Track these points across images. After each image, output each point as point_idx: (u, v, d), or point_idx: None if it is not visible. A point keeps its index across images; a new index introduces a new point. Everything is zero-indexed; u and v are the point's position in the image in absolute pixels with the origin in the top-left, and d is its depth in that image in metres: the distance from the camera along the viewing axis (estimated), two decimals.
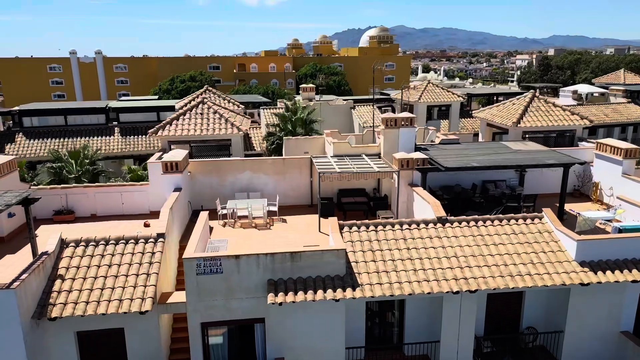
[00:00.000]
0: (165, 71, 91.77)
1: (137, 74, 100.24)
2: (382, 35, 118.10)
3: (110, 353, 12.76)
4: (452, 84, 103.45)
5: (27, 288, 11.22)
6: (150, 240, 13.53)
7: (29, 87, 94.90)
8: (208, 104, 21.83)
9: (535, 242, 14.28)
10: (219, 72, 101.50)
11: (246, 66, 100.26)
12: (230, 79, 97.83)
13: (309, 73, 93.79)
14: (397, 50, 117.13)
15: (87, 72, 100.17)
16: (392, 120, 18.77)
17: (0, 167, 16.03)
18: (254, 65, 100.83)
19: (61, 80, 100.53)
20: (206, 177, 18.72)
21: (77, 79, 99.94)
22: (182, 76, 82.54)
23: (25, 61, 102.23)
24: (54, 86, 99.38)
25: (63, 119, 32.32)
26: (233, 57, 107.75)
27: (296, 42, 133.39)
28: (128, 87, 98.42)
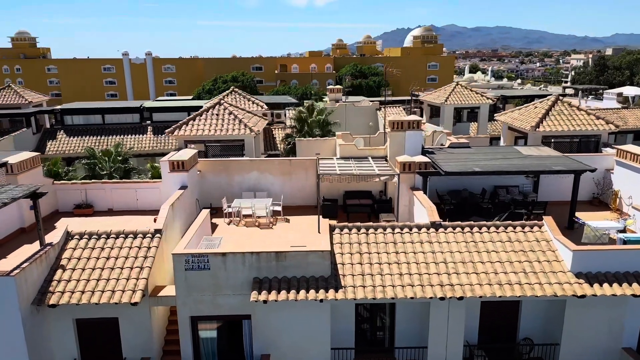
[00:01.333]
0: (211, 72, 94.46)
1: (184, 75, 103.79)
2: (427, 35, 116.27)
3: (106, 340, 13.55)
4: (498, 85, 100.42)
5: (27, 276, 12.14)
6: (148, 235, 14.25)
7: (85, 86, 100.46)
8: (224, 105, 22.54)
9: (531, 251, 13.88)
10: (262, 72, 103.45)
11: (287, 67, 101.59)
12: (272, 79, 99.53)
13: (348, 74, 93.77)
14: (442, 50, 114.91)
15: (138, 73, 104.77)
16: (398, 123, 18.68)
17: (24, 163, 17.26)
18: (295, 66, 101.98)
19: (114, 80, 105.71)
20: (216, 176, 19.38)
21: (129, 79, 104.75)
22: (225, 77, 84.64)
23: (82, 62, 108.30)
24: (108, 86, 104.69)
25: (101, 117, 34.17)
26: (275, 58, 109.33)
27: (340, 43, 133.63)
28: (175, 87, 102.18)
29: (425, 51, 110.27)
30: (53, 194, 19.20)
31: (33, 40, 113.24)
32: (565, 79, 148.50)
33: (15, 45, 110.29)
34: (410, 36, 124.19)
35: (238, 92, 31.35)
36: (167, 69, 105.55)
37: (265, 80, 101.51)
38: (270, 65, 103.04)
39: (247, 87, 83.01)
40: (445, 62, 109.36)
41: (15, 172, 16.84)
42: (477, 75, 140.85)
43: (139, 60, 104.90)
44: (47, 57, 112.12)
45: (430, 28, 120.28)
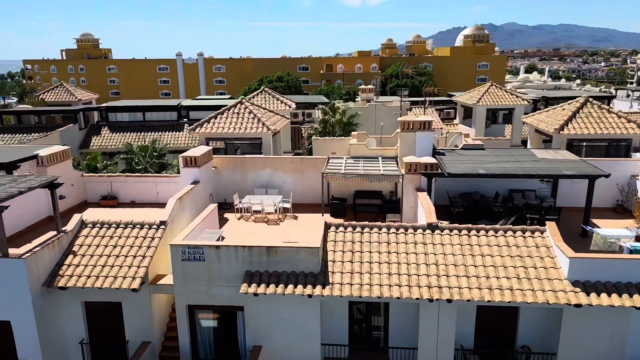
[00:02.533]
0: (259, 72, 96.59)
1: (233, 74, 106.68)
2: (478, 34, 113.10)
3: (112, 323, 14.49)
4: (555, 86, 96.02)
5: (38, 259, 13.26)
6: (153, 226, 15.09)
7: (141, 85, 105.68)
8: (245, 104, 23.25)
9: (528, 257, 13.49)
10: (308, 72, 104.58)
11: (333, 67, 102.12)
12: (318, 79, 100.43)
13: (395, 73, 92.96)
14: (493, 50, 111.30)
15: (190, 72, 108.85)
16: (408, 124, 18.60)
17: (54, 156, 18.66)
18: (341, 66, 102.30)
19: (168, 79, 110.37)
20: (230, 172, 20.09)
21: (182, 78, 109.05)
22: (270, 77, 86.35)
23: (139, 62, 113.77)
24: (162, 85, 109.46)
25: (141, 115, 36.03)
26: (321, 58, 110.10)
27: (390, 42, 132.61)
28: (224, 86, 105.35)
29: (476, 50, 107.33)
30: (82, 185, 20.63)
31: (96, 42, 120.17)
32: (631, 79, 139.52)
33: (80, 47, 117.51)
34: (462, 35, 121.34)
35: (268, 91, 32.10)
36: (218, 68, 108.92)
37: (311, 80, 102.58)
38: (316, 66, 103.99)
39: (292, 87, 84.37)
40: (496, 61, 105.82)
41: (45, 164, 18.24)
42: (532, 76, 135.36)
43: (192, 60, 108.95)
44: (108, 57, 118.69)
45: (481, 27, 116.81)
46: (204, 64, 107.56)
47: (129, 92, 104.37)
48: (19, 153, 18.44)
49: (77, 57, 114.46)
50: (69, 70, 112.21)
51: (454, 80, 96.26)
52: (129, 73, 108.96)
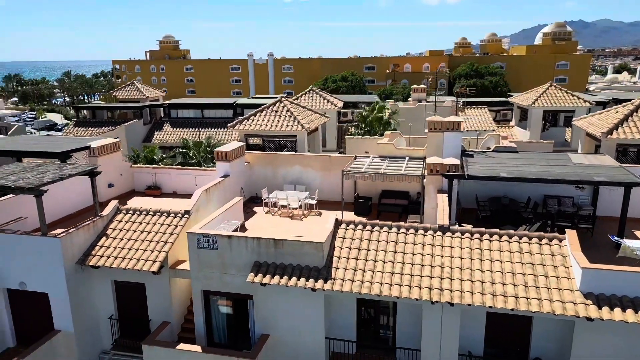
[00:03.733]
0: (326, 71, 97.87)
1: (301, 74, 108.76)
2: (559, 32, 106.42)
3: (137, 302, 15.75)
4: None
5: (73, 239, 14.75)
6: (178, 215, 16.18)
7: (214, 83, 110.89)
8: (284, 103, 23.97)
9: (541, 265, 12.90)
10: (374, 72, 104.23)
11: (400, 66, 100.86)
12: (384, 79, 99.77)
13: (463, 73, 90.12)
14: (575, 48, 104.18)
15: (260, 72, 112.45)
16: (436, 124, 18.31)
17: (104, 147, 20.44)
18: (408, 66, 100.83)
19: (239, 79, 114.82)
20: (262, 167, 20.88)
21: (252, 78, 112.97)
22: (335, 76, 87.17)
23: (214, 62, 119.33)
24: (234, 84, 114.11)
25: (200, 112, 38.11)
26: (388, 57, 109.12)
27: (463, 41, 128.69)
28: (292, 86, 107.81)
29: (556, 49, 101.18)
30: (131, 175, 22.38)
31: (176, 43, 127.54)
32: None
33: (162, 48, 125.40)
34: (541, 33, 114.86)
35: (315, 90, 32.71)
36: (287, 68, 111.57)
37: (377, 80, 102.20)
38: (383, 65, 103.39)
39: (356, 87, 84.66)
40: (578, 61, 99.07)
41: (96, 155, 20.06)
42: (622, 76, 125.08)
43: (262, 60, 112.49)
44: (186, 58, 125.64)
45: (563, 24, 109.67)
46: (273, 64, 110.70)
47: (203, 91, 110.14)
48: (73, 144, 20.43)
49: (159, 57, 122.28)
50: (151, 70, 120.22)
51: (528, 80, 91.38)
52: (204, 72, 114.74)
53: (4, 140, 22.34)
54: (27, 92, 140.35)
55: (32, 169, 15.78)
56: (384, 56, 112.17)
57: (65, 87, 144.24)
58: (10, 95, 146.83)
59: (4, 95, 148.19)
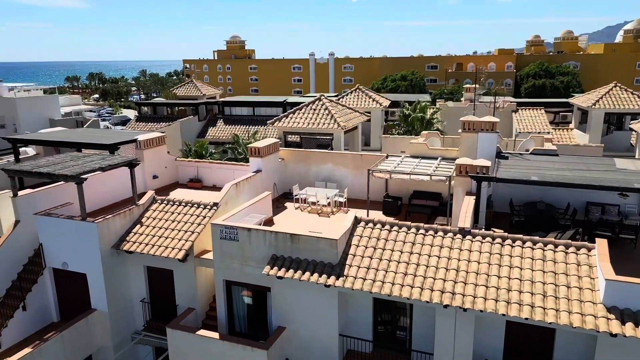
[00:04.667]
0: (386, 70, 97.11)
1: (361, 73, 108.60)
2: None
3: (166, 287, 16.65)
4: None
5: (109, 225, 15.85)
6: (207, 207, 16.88)
7: (276, 82, 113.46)
8: (323, 101, 24.18)
9: (564, 274, 12.20)
10: (436, 71, 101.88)
11: (463, 65, 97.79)
12: (446, 78, 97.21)
13: (532, 73, 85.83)
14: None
15: (321, 71, 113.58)
16: (470, 124, 17.75)
17: (150, 141, 21.68)
18: (472, 65, 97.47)
19: (300, 78, 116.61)
20: (296, 164, 21.23)
21: (313, 77, 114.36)
22: (394, 76, 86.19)
23: (276, 62, 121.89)
24: (295, 83, 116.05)
25: (252, 110, 39.24)
26: (451, 56, 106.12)
27: (536, 39, 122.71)
28: (351, 85, 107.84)
29: (637, 47, 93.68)
30: (175, 168, 23.55)
31: (242, 43, 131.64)
32: None
33: (228, 48, 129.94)
34: (622, 30, 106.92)
35: (362, 89, 32.64)
36: (347, 68, 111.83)
37: (439, 79, 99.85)
38: (445, 64, 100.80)
39: (415, 86, 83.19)
40: None
41: (142, 148, 21.31)
42: None
43: (323, 60, 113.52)
44: (251, 57, 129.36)
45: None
46: (334, 63, 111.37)
47: (266, 89, 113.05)
48: (122, 137, 21.85)
49: (226, 57, 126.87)
50: (218, 69, 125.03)
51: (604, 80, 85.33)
52: (267, 72, 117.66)
53: (65, 132, 24.32)
54: (107, 89, 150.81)
55: (79, 158, 17.12)
56: (450, 55, 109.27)
57: (140, 85, 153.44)
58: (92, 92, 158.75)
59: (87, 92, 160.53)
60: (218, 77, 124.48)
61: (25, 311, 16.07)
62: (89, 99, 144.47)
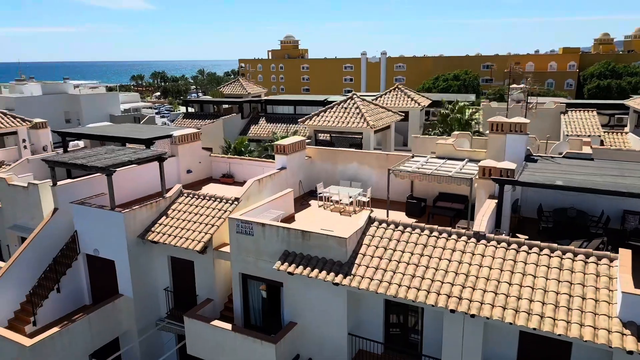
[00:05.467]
0: (439, 69, 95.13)
1: (413, 72, 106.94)
2: None
3: (187, 277, 17.26)
4: None
5: (136, 216, 16.65)
6: (229, 201, 17.34)
7: (327, 82, 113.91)
8: (355, 100, 24.09)
9: (581, 284, 11.53)
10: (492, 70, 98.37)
11: (521, 65, 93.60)
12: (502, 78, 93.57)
13: (596, 73, 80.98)
14: None
15: (372, 71, 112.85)
16: (498, 125, 17.10)
17: (185, 136, 22.49)
18: (531, 64, 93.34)
19: (352, 77, 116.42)
20: (323, 162, 21.31)
21: (364, 76, 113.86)
22: (446, 75, 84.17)
23: (327, 61, 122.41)
24: (345, 82, 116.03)
25: (292, 108, 39.73)
26: (509, 55, 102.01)
27: (605, 37, 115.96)
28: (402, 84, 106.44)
29: None
30: (209, 163, 24.32)
31: (296, 43, 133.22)
32: None
33: (282, 47, 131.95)
34: None
35: (401, 88, 32.21)
36: (399, 67, 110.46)
37: (495, 79, 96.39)
38: (502, 64, 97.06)
39: (469, 86, 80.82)
40: None
41: (177, 143, 22.18)
42: None
43: (375, 59, 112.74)
44: (304, 57, 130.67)
45: None
46: (385, 63, 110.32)
47: (317, 88, 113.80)
48: (158, 132, 22.84)
49: (279, 56, 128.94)
50: (271, 69, 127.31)
51: None
52: (319, 71, 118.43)
53: (110, 127, 25.76)
54: (168, 88, 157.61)
55: (114, 152, 18.11)
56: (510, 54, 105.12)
57: (198, 83, 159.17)
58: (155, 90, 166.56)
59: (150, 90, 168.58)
60: (271, 76, 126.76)
61: (60, 293, 17.21)
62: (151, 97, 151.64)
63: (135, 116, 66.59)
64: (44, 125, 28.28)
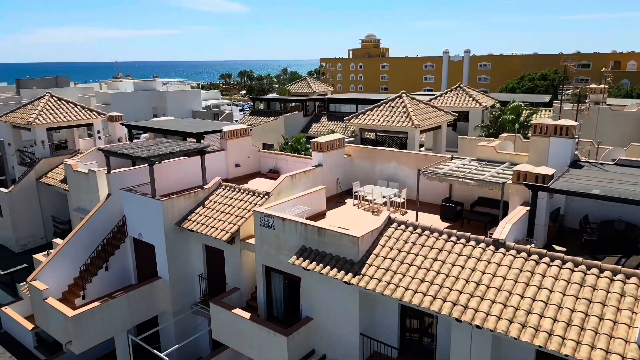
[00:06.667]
0: (527, 68, 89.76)
1: (498, 71, 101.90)
2: None
3: (218, 265, 18.05)
4: None
5: (173, 204, 17.71)
6: (260, 195, 17.85)
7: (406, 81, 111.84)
8: (403, 98, 23.55)
9: (601, 304, 10.47)
10: (589, 70, 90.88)
11: (622, 64, 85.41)
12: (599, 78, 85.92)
13: None
14: None
15: (454, 69, 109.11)
16: (541, 127, 15.91)
17: (234, 132, 23.41)
18: (633, 63, 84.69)
19: (432, 76, 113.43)
20: (362, 161, 21.12)
21: (445, 76, 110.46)
22: (533, 75, 79.11)
23: (407, 60, 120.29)
24: (425, 82, 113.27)
25: (355, 107, 39.67)
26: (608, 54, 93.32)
27: None
28: (486, 84, 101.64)
29: None
30: (258, 159, 25.11)
31: (377, 42, 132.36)
32: None
33: (363, 47, 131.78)
34: None
35: (463, 87, 30.90)
36: (483, 66, 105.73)
37: (590, 79, 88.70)
38: (600, 63, 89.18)
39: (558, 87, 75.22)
40: None
41: (226, 138, 23.17)
42: None
43: (457, 57, 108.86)
44: (385, 56, 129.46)
45: None
46: (469, 61, 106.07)
47: (395, 88, 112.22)
48: (209, 127, 24.00)
49: (360, 56, 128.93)
50: (350, 68, 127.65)
51: None
52: (398, 70, 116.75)
53: (169, 122, 27.49)
54: (253, 86, 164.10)
55: (161, 144, 19.39)
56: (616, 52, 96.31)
57: (281, 82, 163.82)
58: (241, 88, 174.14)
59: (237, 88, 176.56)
60: (350, 75, 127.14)
61: (108, 271, 18.81)
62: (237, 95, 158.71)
63: (215, 112, 70.22)
64: (120, 119, 30.86)
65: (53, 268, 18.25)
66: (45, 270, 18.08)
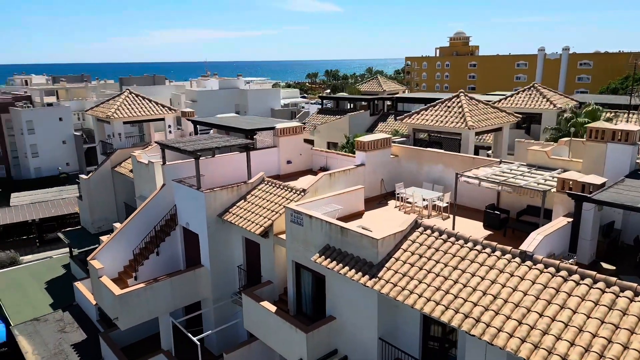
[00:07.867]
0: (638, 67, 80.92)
1: (601, 71, 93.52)
2: None
3: (255, 257, 18.53)
4: None
5: (216, 196, 18.49)
6: (296, 191, 18.05)
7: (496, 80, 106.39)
8: (461, 97, 22.42)
9: (628, 330, 9.32)
10: None
11: None
12: None
13: None
14: None
15: (550, 68, 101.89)
16: (598, 132, 14.38)
17: (286, 129, 23.80)
18: None
19: (524, 75, 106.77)
20: (408, 162, 20.46)
21: (539, 75, 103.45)
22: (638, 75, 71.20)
23: (498, 58, 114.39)
24: (516, 81, 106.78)
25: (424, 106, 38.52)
26: None
27: None
28: (587, 84, 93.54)
29: None
30: (310, 156, 25.35)
31: (466, 40, 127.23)
32: None
33: (451, 45, 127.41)
34: None
35: (537, 87, 28.71)
36: (584, 64, 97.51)
37: None
38: None
39: None
40: None
41: (278, 135, 23.68)
42: None
43: (554, 55, 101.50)
44: (474, 54, 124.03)
45: None
46: (567, 60, 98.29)
47: (484, 87, 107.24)
48: (262, 124, 24.64)
49: (447, 54, 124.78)
50: (437, 66, 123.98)
51: None
52: (487, 69, 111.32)
53: (229, 118, 28.59)
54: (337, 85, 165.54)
55: (211, 139, 20.34)
56: None
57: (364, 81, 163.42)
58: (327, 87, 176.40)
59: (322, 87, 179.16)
60: (435, 74, 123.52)
61: (158, 256, 20.12)
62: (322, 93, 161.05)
63: (292, 110, 72.02)
64: (192, 115, 32.78)
65: (111, 249, 19.91)
66: (103, 250, 19.79)
